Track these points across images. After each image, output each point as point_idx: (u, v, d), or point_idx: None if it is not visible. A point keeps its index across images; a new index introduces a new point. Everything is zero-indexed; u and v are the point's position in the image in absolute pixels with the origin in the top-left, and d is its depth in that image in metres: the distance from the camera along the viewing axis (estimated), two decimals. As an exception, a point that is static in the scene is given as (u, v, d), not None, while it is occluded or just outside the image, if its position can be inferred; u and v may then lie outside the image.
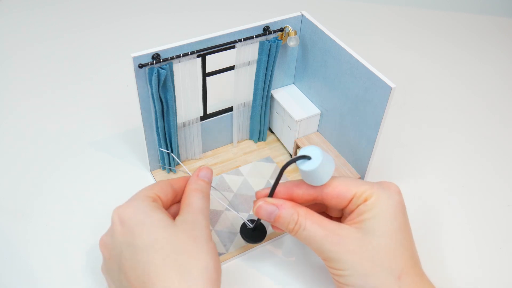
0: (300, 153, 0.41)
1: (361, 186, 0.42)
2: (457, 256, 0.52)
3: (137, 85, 0.48)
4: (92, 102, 0.68)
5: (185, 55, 0.48)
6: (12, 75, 0.72)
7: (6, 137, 0.62)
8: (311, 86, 0.59)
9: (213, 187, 0.47)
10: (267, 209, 0.42)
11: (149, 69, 0.47)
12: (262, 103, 0.58)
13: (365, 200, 0.41)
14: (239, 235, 0.51)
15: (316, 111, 0.59)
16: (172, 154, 0.55)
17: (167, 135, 0.54)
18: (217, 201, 0.53)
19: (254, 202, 0.44)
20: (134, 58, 0.46)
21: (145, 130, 0.53)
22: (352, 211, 0.42)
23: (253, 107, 0.59)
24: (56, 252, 0.50)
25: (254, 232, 0.48)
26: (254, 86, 0.56)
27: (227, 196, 0.55)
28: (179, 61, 0.49)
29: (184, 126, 0.55)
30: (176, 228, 0.39)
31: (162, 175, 0.57)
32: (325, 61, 0.54)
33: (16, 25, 0.82)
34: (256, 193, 0.45)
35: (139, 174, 0.58)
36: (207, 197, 0.44)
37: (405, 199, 0.57)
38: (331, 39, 0.51)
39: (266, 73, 0.55)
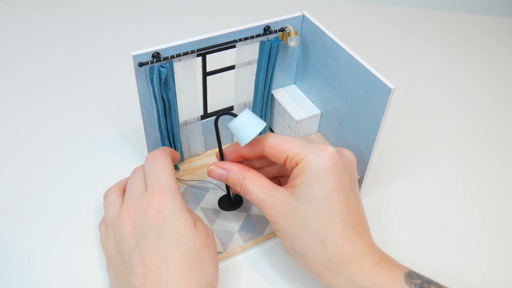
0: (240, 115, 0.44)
1: (294, 148, 0.43)
2: (457, 256, 0.52)
3: (137, 83, 0.48)
4: (92, 102, 0.68)
5: (185, 54, 0.48)
6: (11, 75, 0.72)
7: (5, 136, 0.62)
8: (312, 86, 0.59)
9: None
10: (218, 172, 0.47)
11: (149, 68, 0.47)
12: (262, 103, 0.58)
13: (297, 164, 0.42)
14: (237, 234, 0.51)
15: (317, 111, 0.59)
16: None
17: (170, 133, 0.54)
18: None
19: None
20: (134, 57, 0.46)
21: (145, 129, 0.53)
22: (290, 173, 0.44)
23: (253, 106, 0.59)
24: (56, 252, 0.50)
25: (230, 202, 0.52)
26: (255, 86, 0.56)
27: (227, 196, 0.55)
28: (179, 60, 0.49)
29: (186, 124, 0.55)
30: (197, 231, 0.43)
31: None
32: (325, 61, 0.54)
33: (15, 25, 0.82)
34: (216, 154, 0.49)
35: (139, 173, 0.58)
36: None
37: (405, 199, 0.58)
38: (331, 39, 0.51)
39: (266, 73, 0.55)
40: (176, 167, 0.58)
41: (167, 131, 0.53)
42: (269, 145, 0.44)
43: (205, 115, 0.57)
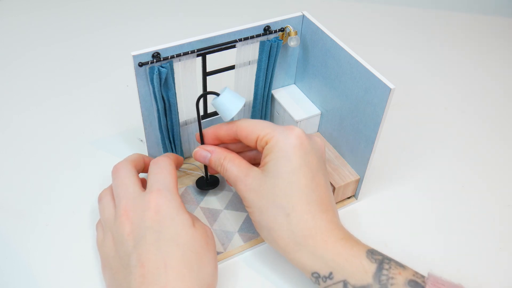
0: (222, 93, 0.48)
1: (264, 129, 0.45)
2: (457, 256, 0.52)
3: (137, 83, 0.48)
4: (92, 102, 0.68)
5: (185, 54, 0.49)
6: (11, 75, 0.72)
7: (5, 136, 0.62)
8: (312, 86, 0.59)
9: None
10: (202, 154, 0.49)
11: (149, 68, 0.47)
12: (262, 103, 0.58)
13: (266, 143, 0.45)
14: (237, 234, 0.52)
15: (317, 111, 0.59)
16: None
17: (170, 133, 0.54)
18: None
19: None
20: (134, 57, 0.46)
21: (145, 129, 0.53)
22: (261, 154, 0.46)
23: (253, 106, 0.59)
24: (56, 252, 0.50)
25: (208, 182, 0.56)
26: (255, 86, 0.56)
27: (227, 195, 0.55)
28: (179, 60, 0.49)
29: (186, 124, 0.55)
30: (195, 231, 0.43)
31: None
32: (325, 61, 0.54)
33: (15, 25, 0.82)
34: (195, 135, 0.52)
35: (139, 173, 0.58)
36: None
37: (405, 199, 0.58)
38: (331, 39, 0.51)
39: (266, 73, 0.55)
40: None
41: (167, 131, 0.54)
42: (241, 127, 0.47)
43: (205, 115, 0.57)
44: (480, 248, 0.53)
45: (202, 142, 0.51)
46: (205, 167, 0.54)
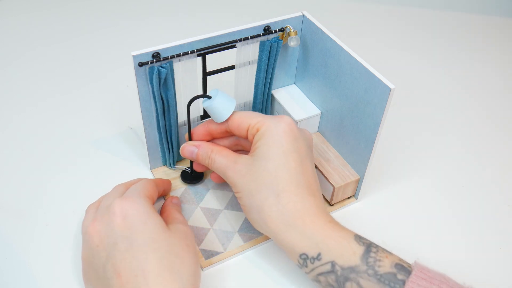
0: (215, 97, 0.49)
1: (255, 118, 0.47)
2: (457, 256, 0.52)
3: (137, 83, 0.48)
4: (92, 102, 0.68)
5: (185, 54, 0.49)
6: (11, 75, 0.72)
7: (5, 136, 0.62)
8: (312, 86, 0.59)
9: None
10: (189, 149, 0.51)
11: (149, 68, 0.47)
12: (262, 103, 0.58)
13: (257, 130, 0.47)
14: (237, 234, 0.52)
15: (317, 111, 0.59)
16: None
17: (168, 133, 0.54)
18: (215, 200, 0.54)
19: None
20: (134, 57, 0.46)
21: (145, 129, 0.53)
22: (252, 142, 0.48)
23: (253, 107, 0.59)
24: (56, 252, 0.50)
25: (192, 175, 0.56)
26: (255, 86, 0.56)
27: (227, 195, 0.55)
28: (180, 60, 0.49)
29: (185, 124, 0.55)
30: (171, 233, 0.43)
31: (162, 173, 0.57)
32: (325, 61, 0.54)
33: (15, 25, 0.82)
34: (185, 136, 0.54)
35: (139, 173, 0.58)
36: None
37: (405, 199, 0.58)
38: (331, 39, 0.51)
39: (266, 73, 0.55)
40: None
41: (165, 131, 0.54)
42: (233, 119, 0.48)
43: (205, 115, 0.57)
44: (480, 247, 0.54)
45: (190, 139, 0.52)
46: (191, 162, 0.55)
